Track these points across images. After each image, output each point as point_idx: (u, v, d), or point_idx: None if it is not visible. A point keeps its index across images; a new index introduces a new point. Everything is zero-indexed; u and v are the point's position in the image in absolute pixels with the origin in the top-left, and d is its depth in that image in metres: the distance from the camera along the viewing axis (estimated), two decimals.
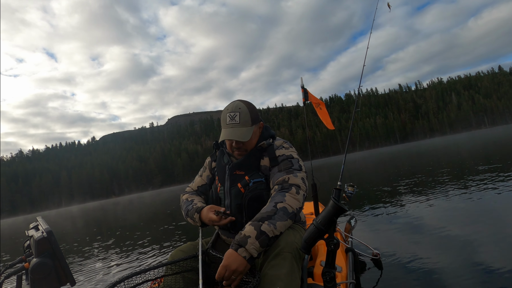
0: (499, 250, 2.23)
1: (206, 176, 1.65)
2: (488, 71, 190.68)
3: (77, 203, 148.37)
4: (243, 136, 1.40)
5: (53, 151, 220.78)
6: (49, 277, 0.86)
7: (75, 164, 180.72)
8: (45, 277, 0.85)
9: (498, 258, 2.08)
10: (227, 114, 1.43)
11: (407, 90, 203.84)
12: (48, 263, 0.85)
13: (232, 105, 1.45)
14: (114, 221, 11.53)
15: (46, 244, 0.87)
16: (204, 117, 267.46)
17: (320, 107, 3.08)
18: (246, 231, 1.20)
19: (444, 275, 1.99)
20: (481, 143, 17.13)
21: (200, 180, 1.66)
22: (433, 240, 2.70)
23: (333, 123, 3.14)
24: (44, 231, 0.89)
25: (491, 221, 2.95)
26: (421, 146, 34.39)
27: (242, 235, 1.19)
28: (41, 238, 0.87)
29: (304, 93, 2.96)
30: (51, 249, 0.87)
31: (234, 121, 1.41)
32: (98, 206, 37.18)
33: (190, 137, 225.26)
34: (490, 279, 1.84)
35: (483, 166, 6.93)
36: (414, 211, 3.91)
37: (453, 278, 1.93)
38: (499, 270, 1.91)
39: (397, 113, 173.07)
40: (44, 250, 0.87)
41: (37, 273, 0.84)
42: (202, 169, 1.69)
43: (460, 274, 1.97)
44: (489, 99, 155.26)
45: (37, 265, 0.84)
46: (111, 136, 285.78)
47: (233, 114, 1.42)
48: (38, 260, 0.85)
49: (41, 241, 0.87)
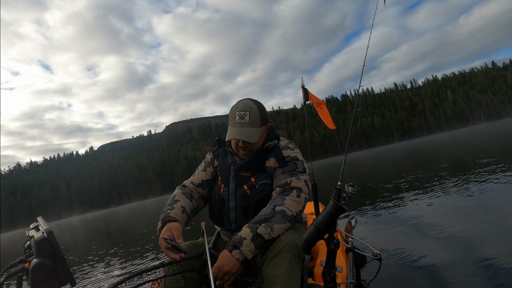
0: (501, 247, 2.21)
1: (211, 172, 1.57)
2: (482, 67, 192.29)
3: (77, 213, 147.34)
4: (252, 137, 1.36)
5: (51, 162, 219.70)
6: (49, 278, 0.86)
7: (74, 174, 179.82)
8: (46, 277, 0.85)
9: (500, 256, 2.06)
10: (237, 112, 1.38)
11: (402, 88, 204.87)
12: (48, 263, 0.85)
13: (243, 104, 1.40)
14: (116, 229, 11.47)
15: (46, 244, 0.87)
16: (202, 123, 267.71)
17: (321, 107, 3.08)
18: (242, 232, 1.20)
19: (445, 274, 1.98)
20: (479, 139, 17.22)
21: (204, 175, 1.56)
22: (433, 239, 2.70)
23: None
24: (44, 232, 0.90)
25: (492, 218, 2.94)
26: (420, 144, 34.54)
27: (238, 237, 1.19)
28: (42, 238, 0.87)
29: (304, 93, 2.95)
30: (51, 249, 0.87)
31: (243, 120, 1.36)
32: (100, 216, 37.00)
33: (189, 143, 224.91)
34: (491, 276, 1.83)
35: (482, 160, 6.95)
36: (414, 210, 3.91)
37: (454, 277, 1.92)
38: (501, 268, 1.90)
39: (393, 111, 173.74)
40: (44, 251, 0.87)
41: (38, 274, 0.84)
42: (205, 164, 1.60)
43: (461, 273, 1.96)
44: (484, 95, 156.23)
45: (37, 265, 0.84)
46: (109, 145, 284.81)
47: (243, 113, 1.37)
48: (38, 261, 0.85)
49: (42, 242, 0.87)
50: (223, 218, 1.46)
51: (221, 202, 1.46)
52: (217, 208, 1.48)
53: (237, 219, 1.42)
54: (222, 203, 1.46)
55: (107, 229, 12.96)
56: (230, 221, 1.44)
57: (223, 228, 1.53)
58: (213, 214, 1.51)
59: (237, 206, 1.40)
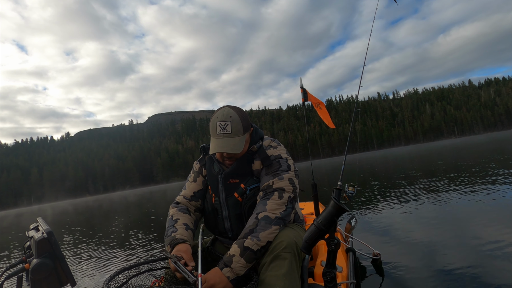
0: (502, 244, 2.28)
1: (202, 181, 1.52)
2: (459, 84, 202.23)
3: (48, 201, 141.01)
4: (236, 147, 1.31)
5: (23, 146, 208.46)
6: (49, 278, 0.86)
7: (47, 160, 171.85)
8: (46, 277, 0.86)
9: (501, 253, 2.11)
10: (218, 123, 1.31)
11: (385, 98, 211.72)
12: (48, 263, 0.86)
13: (222, 113, 1.33)
14: (102, 220, 11.24)
15: (46, 244, 0.87)
16: (186, 117, 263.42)
17: (320, 107, 3.08)
18: (231, 250, 1.20)
19: (445, 274, 1.98)
20: (455, 152, 18.08)
21: (195, 186, 1.52)
22: (434, 240, 2.70)
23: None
24: (44, 232, 0.90)
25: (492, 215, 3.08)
26: (399, 152, 35.62)
27: (228, 255, 1.19)
28: (42, 238, 0.87)
29: (303, 93, 2.93)
30: (51, 249, 0.88)
31: (225, 131, 1.30)
32: (75, 205, 35.56)
33: (171, 136, 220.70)
34: (493, 273, 1.86)
35: (476, 168, 7.19)
36: (415, 210, 3.99)
37: (455, 277, 1.92)
38: (502, 265, 1.94)
39: (375, 120, 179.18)
40: (44, 251, 0.87)
41: (38, 274, 0.84)
42: (194, 175, 1.54)
43: (462, 272, 1.97)
44: (459, 111, 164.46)
45: (37, 265, 0.84)
46: (87, 132, 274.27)
47: (224, 123, 1.30)
48: (38, 261, 0.85)
49: (42, 242, 0.87)
50: (218, 227, 1.46)
51: (215, 211, 1.44)
52: (211, 218, 1.46)
53: (232, 227, 1.40)
54: (215, 213, 1.44)
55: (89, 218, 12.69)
56: (226, 229, 1.43)
57: (221, 236, 1.52)
58: (209, 224, 1.50)
59: (231, 215, 1.39)
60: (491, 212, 3.37)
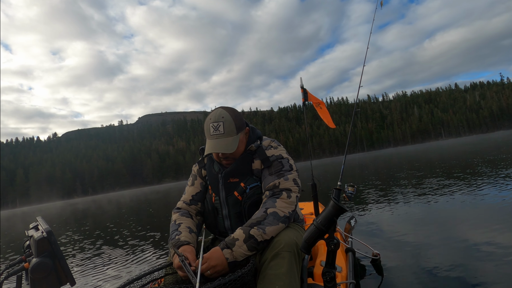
0: (504, 242, 2.30)
1: (200, 183, 1.55)
2: (446, 87, 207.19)
3: (35, 203, 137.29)
4: (229, 147, 1.34)
5: (7, 146, 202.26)
6: (49, 277, 0.86)
7: (34, 161, 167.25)
8: (45, 277, 0.85)
9: (502, 252, 2.12)
10: (211, 124, 1.36)
11: (375, 101, 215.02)
12: (48, 263, 0.85)
13: (215, 114, 1.37)
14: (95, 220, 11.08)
15: (46, 244, 0.87)
16: (177, 118, 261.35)
17: (320, 107, 3.08)
18: (235, 234, 1.22)
19: (445, 274, 1.98)
20: (445, 153, 18.41)
21: (193, 189, 1.55)
22: (433, 240, 2.72)
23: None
24: (44, 231, 0.89)
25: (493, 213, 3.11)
26: (388, 153, 36.17)
27: (231, 238, 1.22)
28: (41, 238, 0.87)
29: (303, 93, 2.92)
30: (51, 249, 0.87)
31: (218, 132, 1.34)
32: (62, 206, 34.80)
33: (162, 137, 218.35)
34: (494, 273, 1.86)
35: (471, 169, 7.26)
36: (414, 210, 4.01)
37: (455, 276, 1.92)
38: (503, 264, 1.94)
39: (365, 122, 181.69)
40: (44, 250, 0.87)
41: (37, 273, 0.84)
42: (192, 178, 1.58)
43: (462, 272, 1.97)
44: (446, 113, 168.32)
45: (37, 265, 0.84)
46: (75, 133, 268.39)
47: (217, 124, 1.35)
48: (38, 260, 0.85)
49: (41, 241, 0.86)
50: (218, 226, 1.48)
51: (215, 211, 1.46)
52: (211, 217, 1.48)
53: (232, 226, 1.42)
54: (215, 212, 1.46)
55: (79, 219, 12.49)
56: (226, 228, 1.45)
57: (221, 236, 1.54)
58: (209, 223, 1.52)
59: (231, 213, 1.41)
60: (484, 212, 3.42)
